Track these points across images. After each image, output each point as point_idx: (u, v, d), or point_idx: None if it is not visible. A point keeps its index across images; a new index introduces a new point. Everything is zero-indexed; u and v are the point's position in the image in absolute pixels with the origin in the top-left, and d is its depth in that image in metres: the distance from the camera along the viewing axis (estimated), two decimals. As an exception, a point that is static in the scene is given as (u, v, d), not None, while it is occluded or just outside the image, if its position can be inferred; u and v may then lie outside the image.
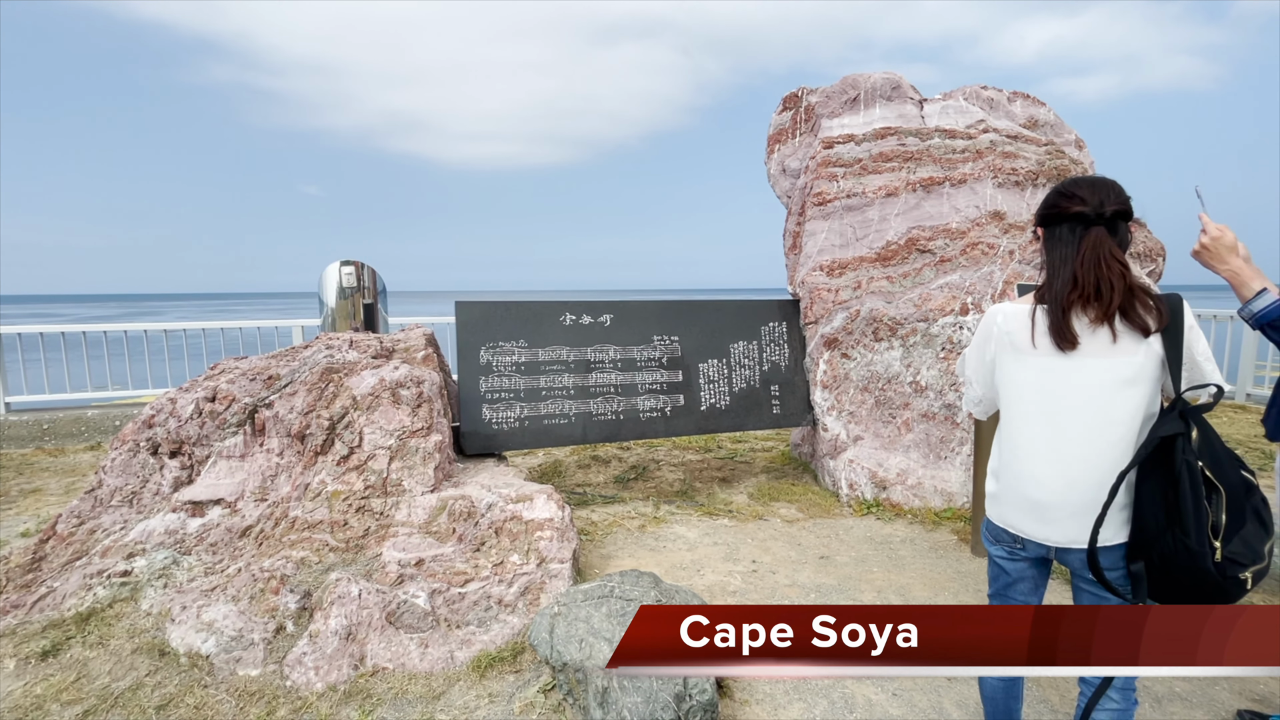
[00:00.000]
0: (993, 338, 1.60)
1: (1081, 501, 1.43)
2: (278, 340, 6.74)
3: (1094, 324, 1.42)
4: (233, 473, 2.98)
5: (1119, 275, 1.40)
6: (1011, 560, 1.62)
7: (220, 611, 2.34)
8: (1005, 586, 1.68)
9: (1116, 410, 1.41)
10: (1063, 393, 1.46)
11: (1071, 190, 1.48)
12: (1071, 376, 1.45)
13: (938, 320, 3.88)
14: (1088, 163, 4.69)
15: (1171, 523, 1.33)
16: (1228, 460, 1.36)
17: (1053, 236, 1.50)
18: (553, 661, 2.14)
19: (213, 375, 3.23)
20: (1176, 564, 1.33)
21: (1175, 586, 1.36)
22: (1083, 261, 1.42)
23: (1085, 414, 1.44)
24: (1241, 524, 1.33)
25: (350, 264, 4.90)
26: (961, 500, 3.89)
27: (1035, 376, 1.50)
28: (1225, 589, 1.31)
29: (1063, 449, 1.46)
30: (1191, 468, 1.31)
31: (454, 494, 2.93)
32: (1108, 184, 1.46)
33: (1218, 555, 1.29)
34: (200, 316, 9.70)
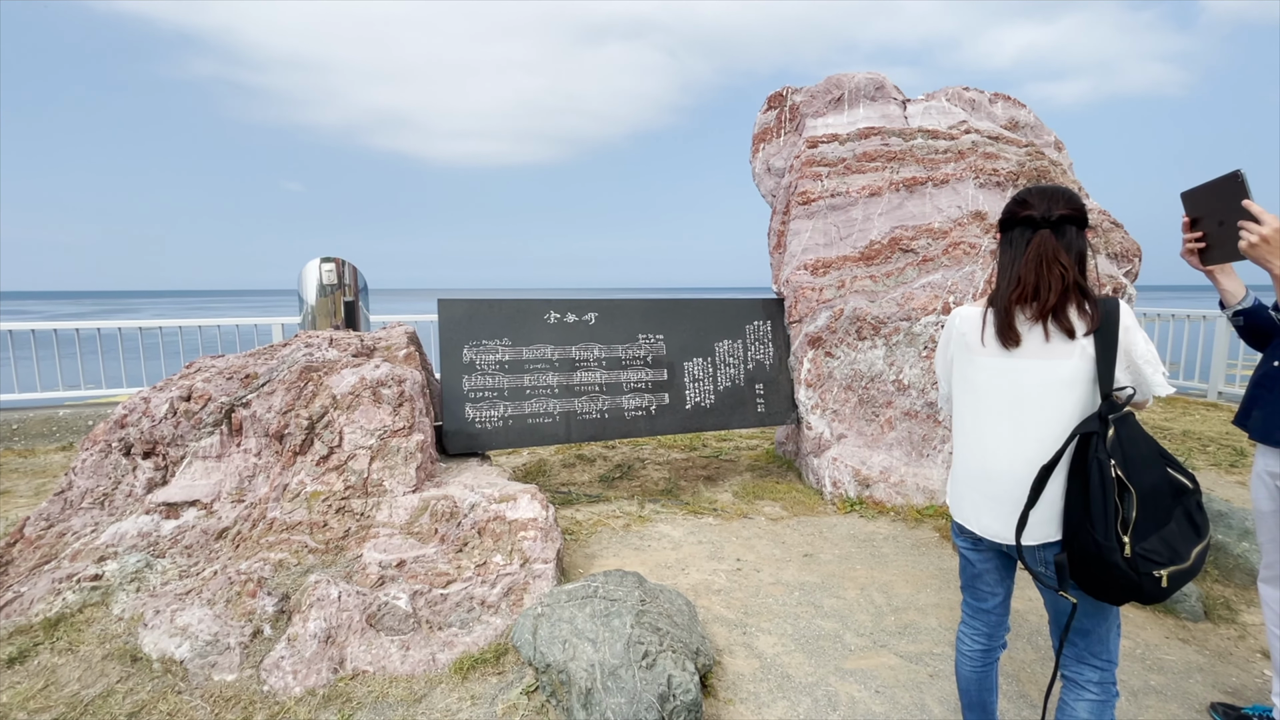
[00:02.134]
0: (952, 339, 1.69)
1: (1023, 498, 1.49)
2: (257, 339, 6.62)
3: (1030, 322, 1.49)
4: (209, 473, 2.92)
5: (1058, 277, 1.46)
6: (975, 552, 1.68)
7: (195, 615, 2.29)
8: (972, 578, 1.74)
9: (1055, 409, 1.47)
10: (1007, 391, 1.53)
11: (1024, 197, 1.55)
12: (1015, 376, 1.52)
13: (920, 319, 3.91)
14: (1066, 164, 4.75)
15: (1084, 517, 1.39)
16: (1147, 461, 1.39)
17: (1006, 240, 1.57)
18: (536, 663, 2.12)
19: (188, 374, 3.16)
20: (1088, 556, 1.39)
21: (1092, 579, 1.41)
22: (1026, 262, 1.50)
23: (1027, 412, 1.51)
24: (1161, 524, 1.37)
25: (331, 261, 4.82)
26: (943, 498, 3.92)
27: (984, 375, 1.58)
28: (1140, 586, 1.35)
29: (1006, 446, 1.54)
30: (1102, 465, 1.36)
31: (436, 494, 2.89)
32: (1060, 192, 1.52)
33: (1126, 551, 1.34)
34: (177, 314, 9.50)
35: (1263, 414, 1.87)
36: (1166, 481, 1.40)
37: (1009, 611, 1.77)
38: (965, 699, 1.82)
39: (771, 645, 2.55)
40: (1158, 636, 2.61)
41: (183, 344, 6.47)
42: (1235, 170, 1.50)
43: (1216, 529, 3.03)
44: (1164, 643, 2.56)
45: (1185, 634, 2.64)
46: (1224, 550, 2.98)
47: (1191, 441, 5.28)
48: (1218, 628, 2.69)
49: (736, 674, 2.36)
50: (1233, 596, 2.86)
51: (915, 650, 2.51)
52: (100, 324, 6.21)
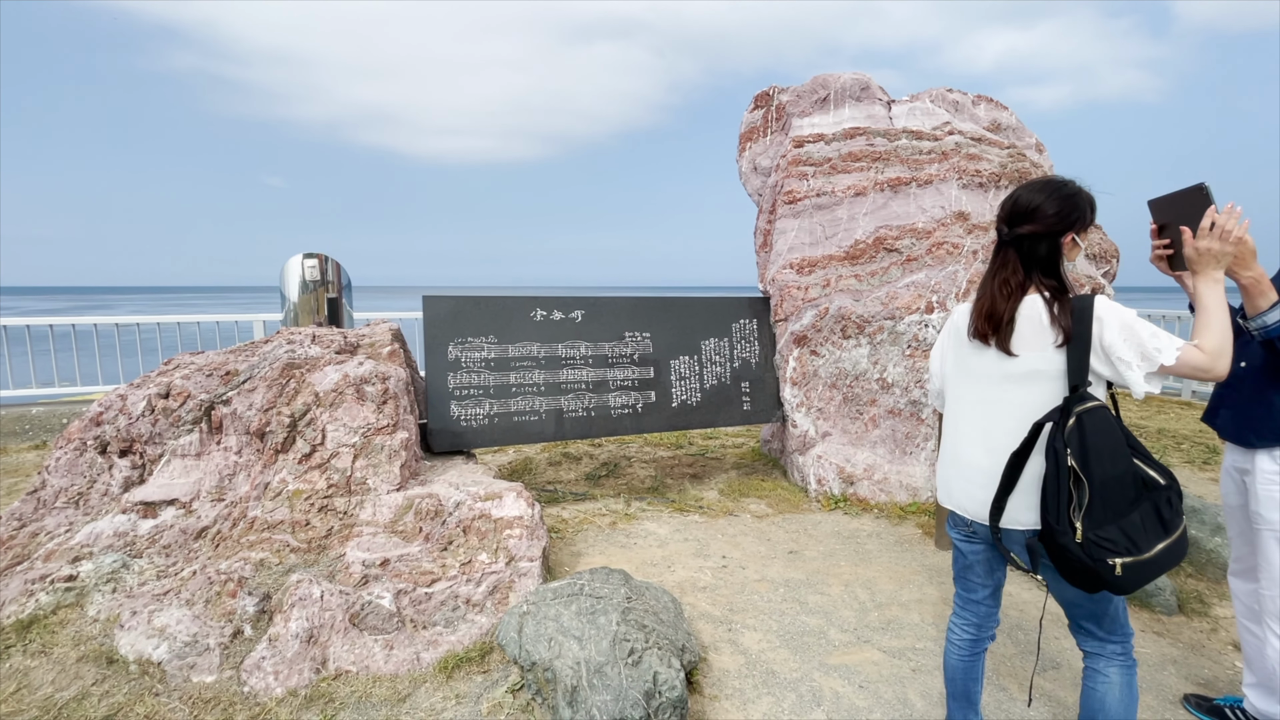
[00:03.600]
0: (949, 332, 1.77)
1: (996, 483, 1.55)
2: (238, 335, 6.53)
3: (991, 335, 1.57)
4: (188, 472, 2.87)
5: (1005, 298, 1.54)
6: (967, 543, 1.72)
7: (173, 616, 2.25)
8: (963, 569, 1.78)
9: (1024, 400, 1.53)
10: (980, 379, 1.62)
11: (1006, 201, 1.62)
12: (988, 366, 1.60)
13: (904, 318, 3.95)
14: (1047, 165, 4.82)
15: (1043, 500, 1.46)
16: (1110, 452, 1.41)
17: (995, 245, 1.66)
18: (521, 661, 2.12)
19: (166, 371, 3.10)
20: (1046, 539, 1.46)
21: (1056, 562, 1.47)
22: (985, 279, 1.62)
23: (997, 402, 1.58)
24: (1121, 515, 1.41)
25: (313, 257, 4.76)
26: (926, 495, 3.97)
27: (965, 365, 1.67)
28: (1097, 571, 1.39)
29: (978, 433, 1.62)
30: (1058, 453, 1.42)
31: (421, 492, 2.87)
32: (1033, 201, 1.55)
33: (1078, 536, 1.39)
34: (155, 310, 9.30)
35: (1230, 413, 1.92)
36: (1131, 474, 1.42)
37: (999, 604, 1.80)
38: (951, 688, 1.86)
39: (756, 641, 2.56)
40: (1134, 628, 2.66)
41: (161, 341, 6.35)
42: (1200, 183, 1.54)
43: (1190, 524, 3.10)
44: (1139, 636, 2.62)
45: (1160, 627, 2.70)
46: (1197, 545, 3.05)
47: (1166, 439, 5.39)
48: (1191, 621, 2.75)
49: (722, 670, 2.37)
50: (1205, 590, 2.93)
51: (898, 645, 2.54)
52: (75, 320, 6.08)
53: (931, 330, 3.94)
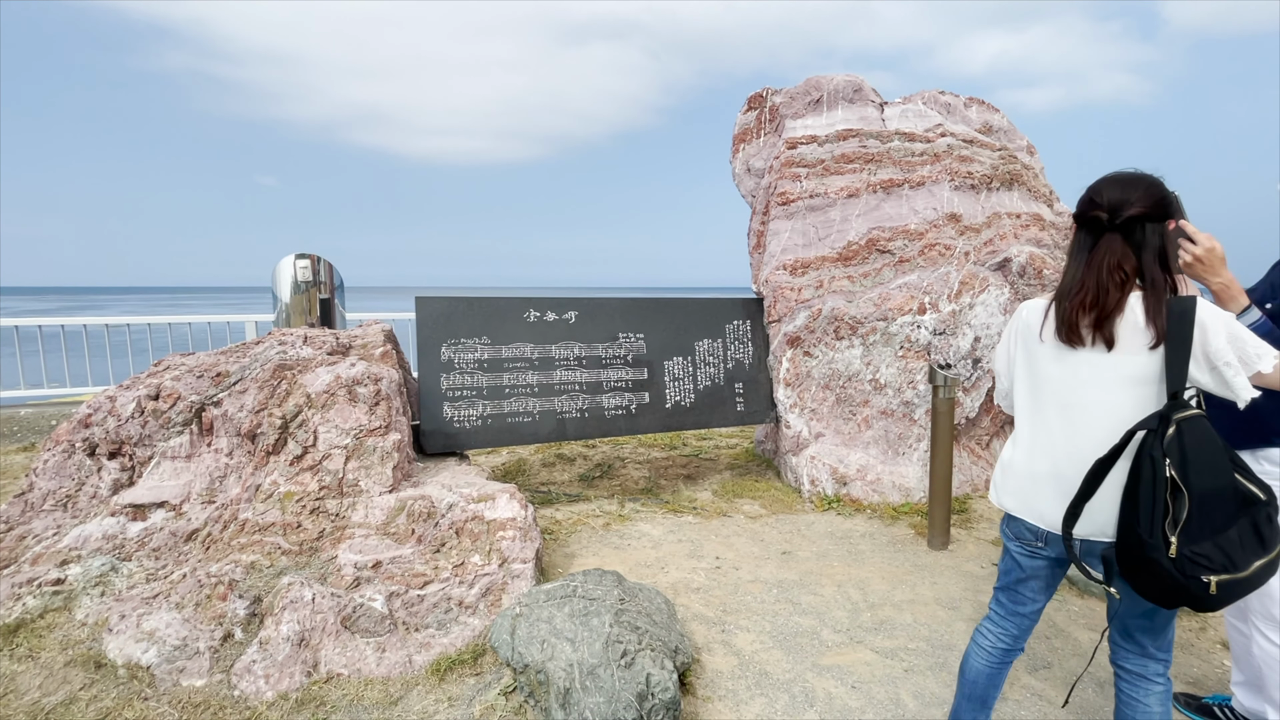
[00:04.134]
0: (1017, 331, 1.65)
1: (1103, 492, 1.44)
2: (229, 336, 6.48)
3: (1089, 330, 1.46)
4: (178, 474, 2.85)
5: (1118, 285, 1.41)
6: (1031, 557, 1.61)
7: (163, 619, 2.23)
8: (1016, 582, 1.68)
9: (1113, 406, 1.44)
10: (1063, 384, 1.51)
11: (1093, 195, 1.48)
12: (1073, 368, 1.49)
13: (896, 319, 3.97)
14: (1038, 168, 4.85)
15: (1131, 513, 1.37)
16: (1212, 465, 1.34)
17: (1076, 236, 1.53)
18: (514, 663, 2.11)
19: (156, 372, 3.08)
20: (1133, 552, 1.37)
21: (1138, 577, 1.38)
22: (1089, 267, 1.46)
23: (1081, 407, 1.48)
24: (1219, 530, 1.33)
25: (306, 257, 4.74)
26: (919, 495, 3.99)
27: (1042, 368, 1.55)
28: (1188, 589, 1.32)
29: (1059, 440, 1.51)
30: (1155, 462, 1.33)
31: (413, 494, 2.86)
32: (1135, 184, 1.44)
33: (1172, 551, 1.31)
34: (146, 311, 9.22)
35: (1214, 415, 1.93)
36: (1233, 489, 1.35)
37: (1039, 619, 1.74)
38: (969, 690, 1.78)
39: (750, 642, 2.56)
40: (1123, 629, 2.68)
41: (151, 342, 6.30)
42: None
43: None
44: (1129, 635, 2.63)
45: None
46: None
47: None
48: (1180, 620, 2.77)
49: (715, 671, 2.37)
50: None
51: (891, 646, 2.55)
52: (65, 321, 6.03)
53: (924, 331, 3.95)
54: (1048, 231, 4.43)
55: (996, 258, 4.19)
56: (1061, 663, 2.44)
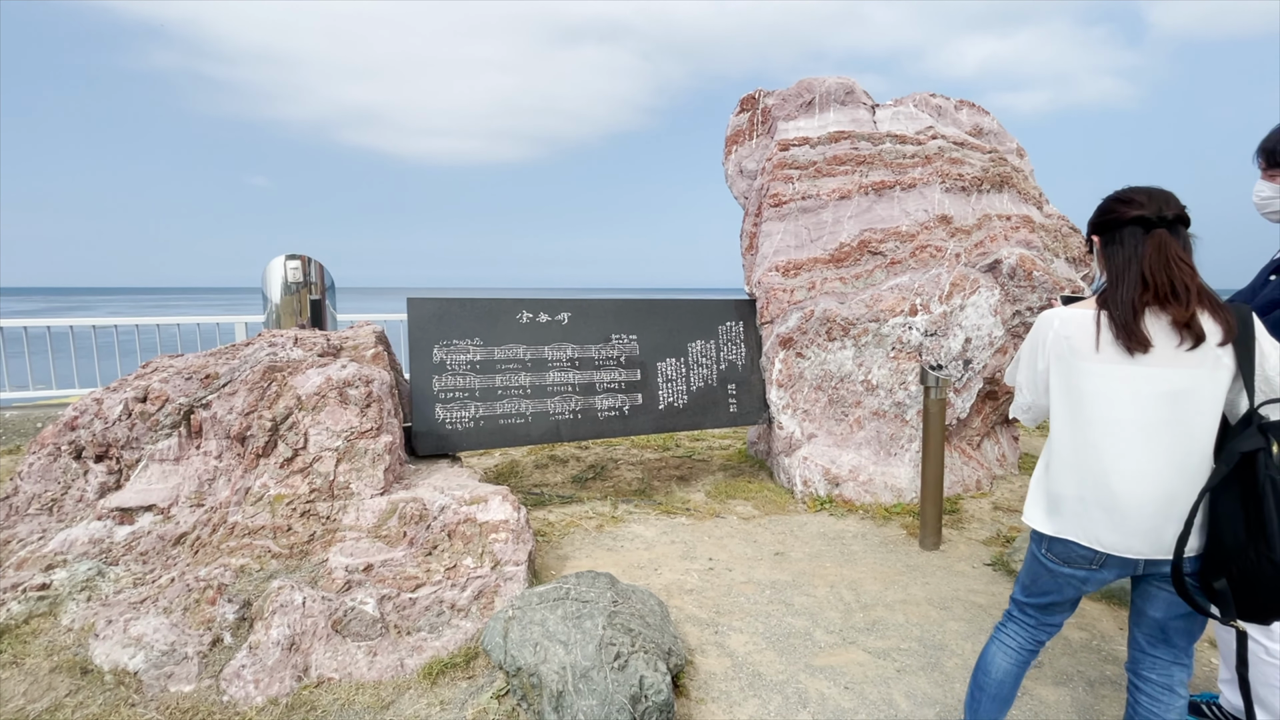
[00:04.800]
0: (1047, 344, 1.56)
1: (1174, 512, 1.40)
2: (219, 338, 6.43)
3: (1173, 326, 1.39)
4: (166, 477, 2.82)
5: (1190, 276, 1.38)
6: (1081, 582, 1.55)
7: (150, 624, 2.21)
8: (1052, 604, 1.63)
9: (1189, 424, 1.39)
10: (1129, 401, 1.43)
11: (1129, 196, 1.46)
12: (1138, 385, 1.42)
13: (888, 320, 3.99)
14: (1028, 170, 4.89)
15: (1254, 538, 1.30)
16: None
17: (1113, 242, 1.47)
18: (506, 666, 2.10)
19: (144, 374, 3.05)
20: (1262, 580, 1.31)
21: (1261, 603, 1.34)
22: (1151, 263, 1.39)
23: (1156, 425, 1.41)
24: None
25: (296, 258, 4.71)
26: (910, 496, 4.00)
27: (1096, 384, 1.46)
28: None
29: (1133, 461, 1.43)
30: (1276, 483, 1.28)
31: (405, 496, 2.84)
32: (1163, 192, 1.45)
33: None
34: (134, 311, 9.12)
35: None
36: None
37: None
38: (995, 690, 1.74)
39: (743, 644, 2.56)
40: (1112, 628, 2.70)
41: (139, 343, 6.23)
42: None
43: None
44: (1118, 634, 2.65)
45: (1138, 625, 2.75)
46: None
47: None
48: (1168, 618, 2.79)
49: (708, 673, 2.37)
50: None
51: (883, 646, 2.56)
52: (51, 322, 5.96)
53: (915, 333, 3.97)
54: (1038, 233, 4.47)
55: (987, 259, 4.21)
56: (1052, 661, 2.46)
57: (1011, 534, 3.61)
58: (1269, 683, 1.85)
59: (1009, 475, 4.64)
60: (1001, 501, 4.13)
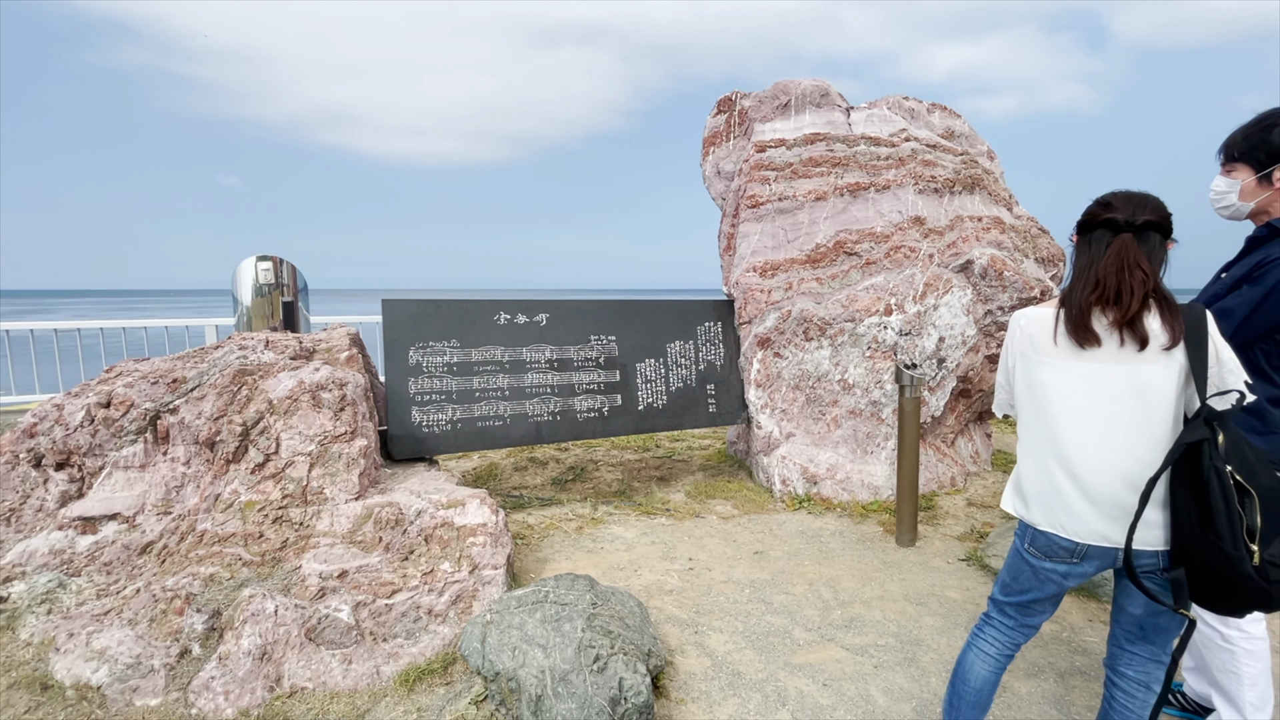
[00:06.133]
0: (1015, 341, 1.62)
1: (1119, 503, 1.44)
2: (188, 341, 6.27)
3: (1111, 327, 1.44)
4: (131, 484, 2.74)
5: (1140, 282, 1.41)
6: (1063, 577, 1.57)
7: (114, 637, 2.14)
8: (1033, 600, 1.64)
9: (1144, 417, 1.43)
10: (1088, 395, 1.47)
11: (1109, 199, 1.51)
12: (1096, 380, 1.46)
13: (864, 320, 4.03)
14: (998, 172, 4.99)
15: (1205, 528, 1.33)
16: (1259, 464, 1.36)
17: (1085, 241, 1.52)
18: (484, 671, 2.08)
19: (107, 379, 2.96)
20: (1215, 569, 1.34)
21: (1217, 592, 1.37)
22: (1106, 265, 1.45)
23: (1113, 418, 1.45)
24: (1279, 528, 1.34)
25: (268, 259, 4.61)
26: (887, 493, 4.05)
27: (1056, 377, 1.51)
28: (1269, 594, 1.31)
29: (1094, 453, 1.47)
30: (1220, 472, 1.31)
31: (380, 501, 2.80)
32: (1146, 197, 1.48)
33: (1256, 559, 1.30)
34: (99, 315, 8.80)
35: None
36: (1277, 482, 1.36)
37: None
38: (975, 697, 1.75)
39: (723, 643, 2.57)
40: (1081, 620, 2.76)
41: (104, 347, 6.05)
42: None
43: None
44: (1087, 626, 2.72)
45: (1105, 616, 2.81)
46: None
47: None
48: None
49: (688, 673, 2.38)
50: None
51: (860, 643, 2.59)
52: (10, 325, 5.76)
53: (890, 332, 4.03)
54: (1008, 234, 4.56)
55: (959, 259, 4.29)
56: (1024, 654, 2.50)
57: (985, 529, 3.68)
58: (1225, 668, 1.90)
59: (982, 472, 4.73)
60: (975, 498, 4.20)
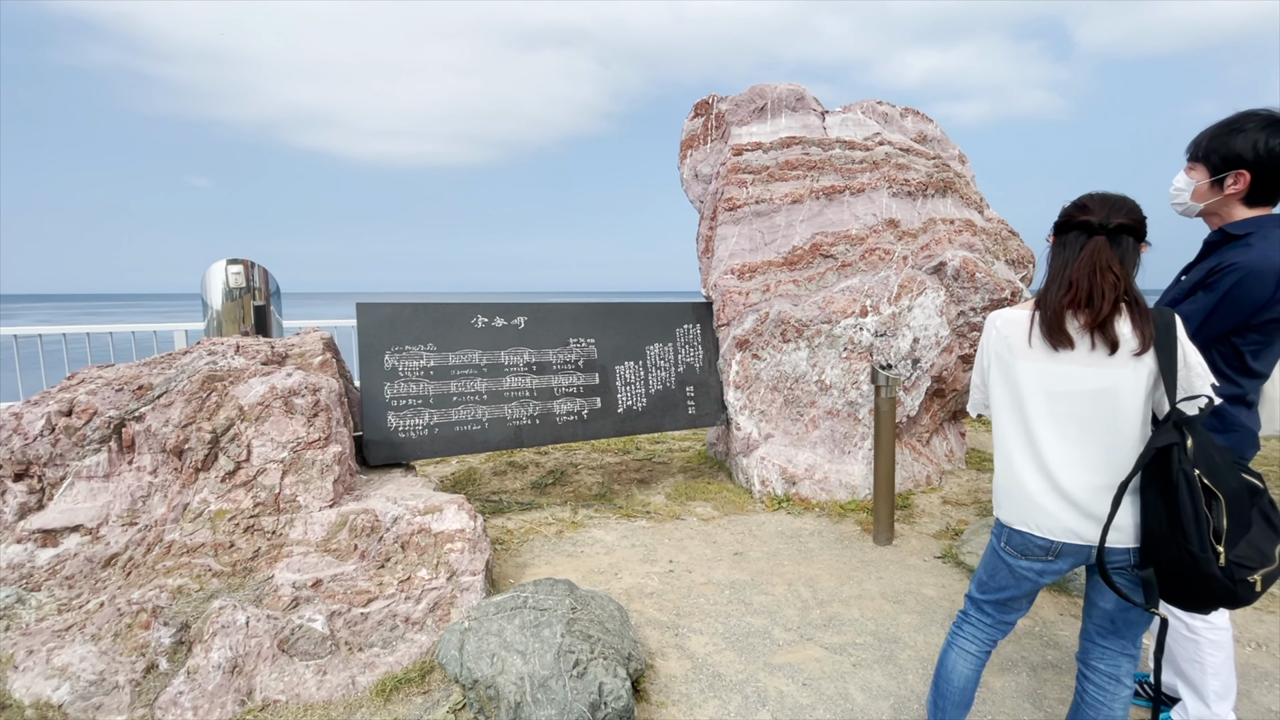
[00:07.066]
0: (990, 342, 1.63)
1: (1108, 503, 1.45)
2: (156, 346, 6.10)
3: (1083, 330, 1.46)
4: (94, 495, 2.66)
5: (1111, 285, 1.43)
6: (1038, 575, 1.59)
7: (76, 653, 2.07)
8: (1011, 598, 1.66)
9: (1114, 419, 1.45)
10: (1061, 397, 1.49)
11: (1085, 201, 1.52)
12: (1069, 383, 1.48)
13: (840, 322, 4.08)
14: (969, 176, 5.09)
15: (1174, 530, 1.36)
16: (1226, 466, 1.39)
17: (1059, 243, 1.54)
18: (462, 679, 2.06)
19: (69, 386, 2.87)
20: (1182, 569, 1.37)
21: (1185, 591, 1.40)
22: (1079, 268, 1.46)
23: (1085, 420, 1.47)
24: (1246, 528, 1.37)
25: (238, 263, 4.51)
26: (864, 492, 4.10)
27: (1031, 379, 1.53)
28: (1235, 593, 1.35)
29: (1067, 454, 1.49)
30: (1188, 476, 1.34)
31: (356, 508, 2.75)
32: (1122, 200, 1.49)
33: (1222, 560, 1.33)
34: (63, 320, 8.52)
35: None
36: (1243, 484, 1.39)
37: None
38: (958, 697, 1.77)
39: (703, 645, 2.57)
40: (1053, 614, 2.82)
41: (67, 354, 5.86)
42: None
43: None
44: (1058, 620, 2.77)
45: (1076, 610, 2.87)
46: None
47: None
48: (1104, 603, 2.94)
49: (669, 676, 2.37)
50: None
51: (839, 641, 2.61)
52: (-35, 332, 5.55)
53: (866, 333, 4.08)
54: (979, 236, 4.65)
55: (932, 261, 4.36)
56: (998, 649, 2.55)
57: (960, 526, 3.74)
58: (1189, 658, 1.96)
59: (957, 470, 4.81)
60: (950, 496, 4.27)
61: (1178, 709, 2.05)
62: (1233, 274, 1.72)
